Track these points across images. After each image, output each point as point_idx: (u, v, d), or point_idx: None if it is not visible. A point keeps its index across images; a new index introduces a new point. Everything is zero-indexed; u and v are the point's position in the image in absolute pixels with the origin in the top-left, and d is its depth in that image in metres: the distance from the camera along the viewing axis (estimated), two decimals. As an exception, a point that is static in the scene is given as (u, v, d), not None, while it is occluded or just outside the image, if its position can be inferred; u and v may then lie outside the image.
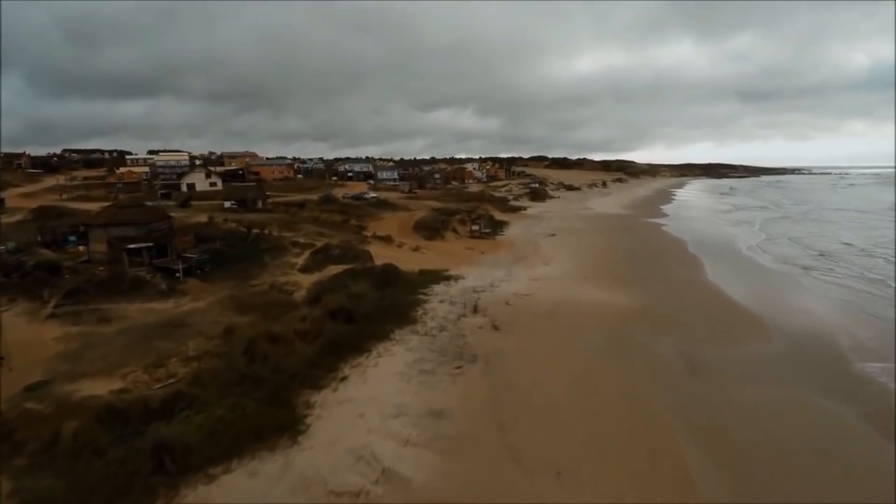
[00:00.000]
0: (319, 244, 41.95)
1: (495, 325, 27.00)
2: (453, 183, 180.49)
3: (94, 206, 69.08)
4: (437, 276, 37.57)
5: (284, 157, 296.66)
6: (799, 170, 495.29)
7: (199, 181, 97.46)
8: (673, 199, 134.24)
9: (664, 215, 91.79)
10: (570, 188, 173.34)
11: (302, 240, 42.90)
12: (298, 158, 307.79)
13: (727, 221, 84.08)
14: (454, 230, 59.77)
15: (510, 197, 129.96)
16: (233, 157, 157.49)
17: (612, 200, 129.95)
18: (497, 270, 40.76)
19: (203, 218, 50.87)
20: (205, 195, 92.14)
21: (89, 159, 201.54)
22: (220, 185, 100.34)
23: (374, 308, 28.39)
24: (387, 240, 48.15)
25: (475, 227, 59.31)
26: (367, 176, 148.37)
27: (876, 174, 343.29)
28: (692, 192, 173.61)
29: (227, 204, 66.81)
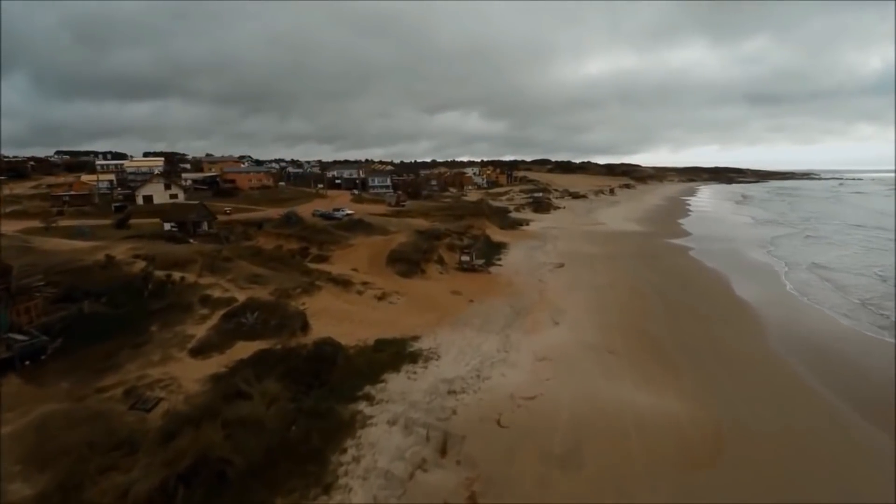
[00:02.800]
0: (242, 298, 30.36)
1: (473, 497, 15.30)
2: (451, 190, 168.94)
3: (16, 227, 57.99)
4: (400, 354, 25.94)
5: (282, 160, 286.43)
6: (808, 174, 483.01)
7: (158, 193, 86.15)
8: (689, 211, 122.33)
9: (686, 234, 79.97)
10: (575, 196, 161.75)
11: (219, 292, 31.29)
12: (296, 161, 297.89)
13: (754, 241, 72.40)
14: (439, 260, 48.12)
15: (511, 207, 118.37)
16: (213, 162, 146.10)
17: (623, 211, 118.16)
18: (488, 337, 29.06)
19: (116, 252, 39.43)
20: (163, 210, 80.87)
21: (76, 163, 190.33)
22: (180, 197, 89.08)
23: (273, 447, 16.81)
24: (344, 283, 36.53)
25: (466, 258, 47.65)
26: (356, 184, 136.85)
27: (882, 179, 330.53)
28: (706, 201, 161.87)
29: (168, 226, 55.40)
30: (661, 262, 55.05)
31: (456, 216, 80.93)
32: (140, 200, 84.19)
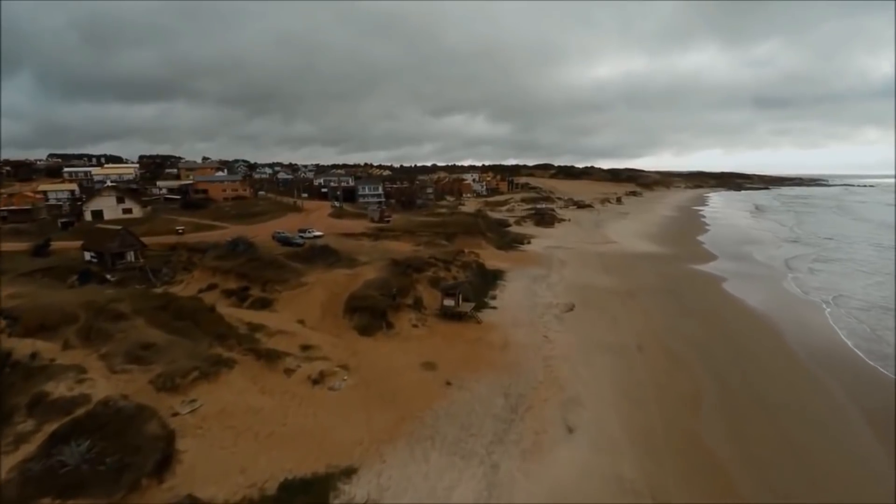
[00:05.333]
0: (102, 394, 20.09)
1: None
2: (447, 198, 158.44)
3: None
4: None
5: (279, 163, 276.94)
6: (816, 180, 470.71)
7: (109, 207, 75.93)
8: (706, 225, 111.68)
9: (711, 256, 69.44)
10: (580, 206, 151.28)
11: (67, 385, 20.87)
12: (293, 165, 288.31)
13: (782, 265, 63.17)
14: (416, 304, 37.75)
15: (511, 220, 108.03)
16: (191, 169, 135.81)
17: (635, 225, 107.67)
18: (464, 470, 18.64)
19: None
20: (118, 224, 70.75)
21: (60, 167, 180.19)
22: (137, 212, 79.07)
23: None
24: (270, 356, 26.06)
25: (449, 303, 37.19)
26: (344, 192, 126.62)
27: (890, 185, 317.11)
28: (720, 212, 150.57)
29: (88, 255, 45.20)
30: (693, 302, 44.62)
31: (447, 234, 70.83)
32: (88, 216, 74.07)
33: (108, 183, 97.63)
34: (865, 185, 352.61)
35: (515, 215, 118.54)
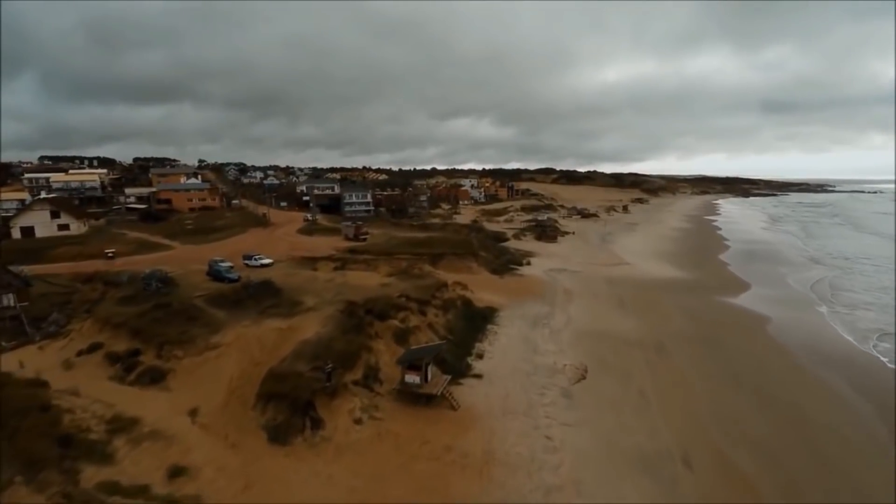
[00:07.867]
0: None
1: None
2: (443, 206, 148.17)
3: None
4: None
5: (275, 166, 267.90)
6: (823, 185, 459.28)
7: (42, 223, 65.51)
8: (724, 240, 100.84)
9: (742, 284, 58.87)
10: (585, 215, 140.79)
11: None
12: (288, 168, 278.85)
13: (826, 297, 53.23)
14: (367, 379, 27.32)
15: (509, 233, 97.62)
16: (163, 174, 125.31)
17: (646, 240, 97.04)
18: None
19: None
20: (48, 244, 60.73)
21: (42, 168, 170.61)
22: (75, 228, 68.77)
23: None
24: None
25: (413, 379, 26.68)
26: (331, 200, 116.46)
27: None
28: (735, 223, 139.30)
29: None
30: (740, 362, 34.06)
31: (433, 255, 60.44)
32: (17, 234, 63.79)
33: (43, 194, 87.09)
34: (872, 192, 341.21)
35: (514, 227, 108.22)
